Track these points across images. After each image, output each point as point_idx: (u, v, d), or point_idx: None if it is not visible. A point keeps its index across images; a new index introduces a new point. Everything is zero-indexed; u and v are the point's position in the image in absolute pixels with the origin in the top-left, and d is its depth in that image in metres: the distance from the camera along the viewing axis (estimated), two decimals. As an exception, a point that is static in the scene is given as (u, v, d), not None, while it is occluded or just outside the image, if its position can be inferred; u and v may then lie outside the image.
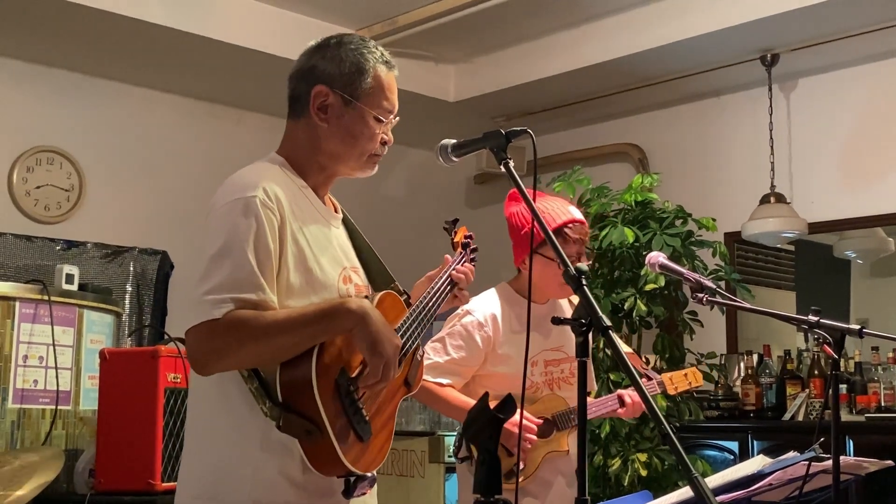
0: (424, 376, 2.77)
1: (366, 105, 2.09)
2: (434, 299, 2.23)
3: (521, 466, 2.89)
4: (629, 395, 2.99)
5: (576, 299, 2.95)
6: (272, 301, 1.93)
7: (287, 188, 2.04)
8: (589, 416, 2.93)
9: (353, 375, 1.96)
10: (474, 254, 2.41)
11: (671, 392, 3.20)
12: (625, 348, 3.27)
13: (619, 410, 2.99)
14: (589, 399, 3.00)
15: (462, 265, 2.35)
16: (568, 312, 3.09)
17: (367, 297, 2.08)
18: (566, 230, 2.89)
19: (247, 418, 1.94)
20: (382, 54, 2.14)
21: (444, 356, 2.90)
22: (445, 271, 2.32)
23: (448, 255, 2.38)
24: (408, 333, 2.10)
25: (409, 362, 2.13)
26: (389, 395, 2.08)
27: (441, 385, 2.86)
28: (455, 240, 2.42)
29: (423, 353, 2.20)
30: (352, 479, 1.94)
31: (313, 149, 2.11)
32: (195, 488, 2.02)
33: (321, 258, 2.05)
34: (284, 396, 1.89)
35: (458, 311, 2.93)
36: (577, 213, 2.97)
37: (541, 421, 2.87)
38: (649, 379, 3.13)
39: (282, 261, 1.97)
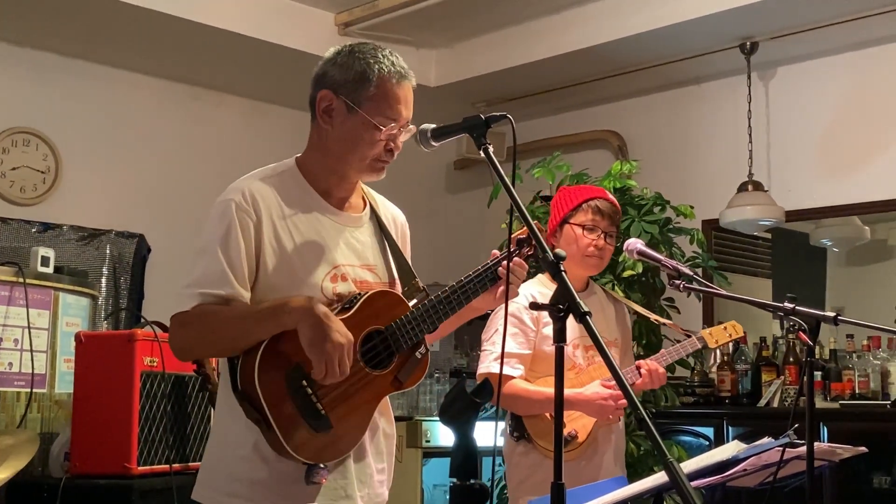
0: (486, 371, 2.97)
1: (367, 112, 2.15)
2: (451, 295, 2.19)
3: (575, 434, 3.06)
4: (646, 365, 3.08)
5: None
6: (241, 296, 2.08)
7: (279, 192, 2.16)
8: None
9: (311, 371, 2.02)
10: (530, 251, 2.30)
11: (712, 346, 3.31)
12: (654, 316, 3.48)
13: (637, 382, 3.08)
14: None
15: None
16: (605, 301, 3.32)
17: (359, 293, 2.13)
18: (584, 204, 3.12)
19: (237, 402, 2.08)
20: (394, 64, 2.18)
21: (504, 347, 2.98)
22: (484, 266, 2.27)
23: (496, 251, 2.32)
24: (402, 331, 2.13)
25: (406, 359, 2.15)
26: (368, 389, 2.12)
27: (511, 378, 3.01)
28: (514, 235, 2.38)
29: (426, 350, 2.21)
30: (309, 465, 2.05)
31: (322, 151, 2.22)
32: (205, 459, 2.22)
33: (308, 256, 2.14)
34: (241, 385, 2.05)
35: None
36: (609, 196, 3.21)
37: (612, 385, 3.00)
38: (689, 337, 3.25)
39: (260, 259, 2.11)
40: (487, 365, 3.06)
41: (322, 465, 2.05)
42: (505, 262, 2.25)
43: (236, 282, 2.06)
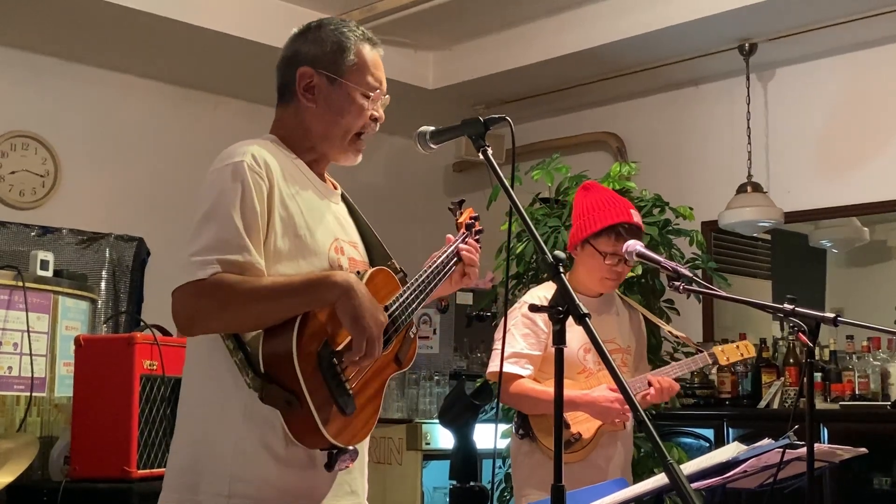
0: (495, 369, 2.97)
1: (350, 81, 2.12)
2: (431, 276, 2.21)
3: (579, 436, 3.07)
4: (658, 379, 3.08)
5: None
6: (258, 263, 1.93)
7: (279, 158, 2.06)
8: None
9: (338, 349, 1.94)
10: (479, 234, 2.40)
11: (723, 363, 3.31)
12: (667, 327, 3.45)
13: (649, 396, 3.08)
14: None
15: (465, 243, 2.33)
16: (621, 308, 3.33)
17: (359, 272, 2.05)
18: (609, 230, 3.09)
19: (231, 391, 1.95)
20: (364, 32, 2.18)
21: (515, 347, 3.06)
22: (446, 249, 2.29)
23: (450, 235, 2.35)
24: (400, 310, 2.08)
25: (402, 339, 2.11)
26: (377, 370, 2.06)
27: (520, 378, 3.03)
28: (459, 220, 2.41)
29: (418, 330, 2.19)
30: (334, 451, 1.94)
31: (303, 131, 2.14)
32: (181, 460, 2.02)
33: (313, 225, 2.06)
34: (266, 367, 1.90)
35: (516, 304, 3.21)
36: (635, 216, 3.14)
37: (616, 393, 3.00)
38: (701, 352, 3.25)
39: (269, 225, 1.98)
40: (497, 363, 3.07)
41: (352, 448, 1.96)
42: (461, 245, 2.30)
43: (254, 248, 1.92)
